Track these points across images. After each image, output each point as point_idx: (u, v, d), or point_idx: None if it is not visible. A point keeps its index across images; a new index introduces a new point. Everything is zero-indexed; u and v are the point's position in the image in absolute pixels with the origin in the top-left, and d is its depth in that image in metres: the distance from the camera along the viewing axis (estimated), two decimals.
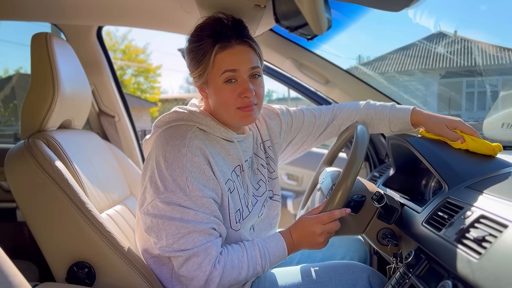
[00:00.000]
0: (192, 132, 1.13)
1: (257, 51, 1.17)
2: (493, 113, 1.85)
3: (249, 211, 1.22)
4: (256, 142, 1.36)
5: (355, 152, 1.15)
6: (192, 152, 1.08)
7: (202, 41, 1.12)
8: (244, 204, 1.21)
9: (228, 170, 1.18)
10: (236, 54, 1.12)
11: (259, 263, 1.11)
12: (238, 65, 1.11)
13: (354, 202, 1.24)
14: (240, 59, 1.12)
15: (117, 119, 2.26)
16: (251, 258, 1.10)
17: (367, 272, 1.21)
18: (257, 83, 1.16)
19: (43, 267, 1.44)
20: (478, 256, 0.75)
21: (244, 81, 1.12)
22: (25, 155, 1.19)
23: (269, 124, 1.43)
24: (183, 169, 1.05)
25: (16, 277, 0.76)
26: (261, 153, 1.36)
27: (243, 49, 1.13)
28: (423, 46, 6.54)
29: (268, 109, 1.47)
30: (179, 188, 1.04)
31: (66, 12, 1.60)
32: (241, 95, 1.12)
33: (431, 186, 1.32)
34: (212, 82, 1.14)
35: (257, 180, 1.32)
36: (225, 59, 1.11)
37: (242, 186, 1.22)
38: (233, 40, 1.12)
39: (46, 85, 1.26)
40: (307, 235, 1.14)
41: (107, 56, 2.20)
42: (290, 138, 1.49)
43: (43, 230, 1.17)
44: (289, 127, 1.47)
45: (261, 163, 1.35)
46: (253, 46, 1.16)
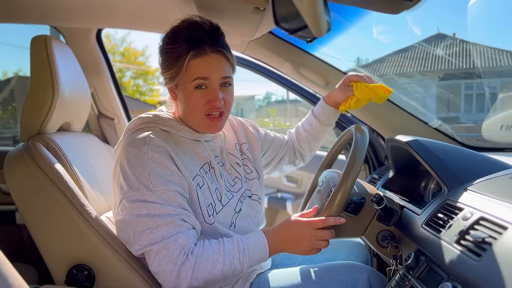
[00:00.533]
0: (154, 132, 1.16)
1: (230, 60, 1.19)
2: (492, 115, 1.85)
3: (222, 205, 1.22)
4: (229, 143, 1.40)
5: (354, 154, 1.16)
6: (152, 149, 1.10)
7: (176, 44, 1.14)
8: (216, 198, 1.21)
9: (195, 167, 1.19)
10: (209, 63, 1.13)
11: (237, 257, 1.08)
12: (210, 73, 1.14)
13: (354, 204, 1.24)
14: (213, 68, 1.14)
15: (116, 121, 2.26)
16: (227, 252, 1.09)
17: (367, 272, 1.21)
18: (227, 91, 1.19)
19: (43, 270, 1.44)
20: (478, 258, 0.75)
21: (214, 89, 1.15)
22: (24, 157, 1.19)
23: (248, 129, 1.50)
24: (145, 166, 1.07)
25: (16, 280, 0.76)
26: (236, 152, 1.40)
27: (217, 58, 1.15)
28: (421, 48, 6.55)
29: (248, 121, 1.56)
30: (143, 185, 1.06)
31: (66, 14, 1.60)
32: (210, 102, 1.15)
33: (430, 188, 1.32)
34: (183, 87, 1.16)
35: (233, 177, 1.34)
36: (198, 66, 1.13)
37: (213, 181, 1.23)
38: (208, 47, 1.13)
39: (45, 87, 1.26)
40: (295, 238, 1.13)
41: (107, 58, 2.21)
42: (266, 147, 1.57)
43: (42, 232, 1.17)
44: (264, 138, 1.57)
45: (236, 161, 1.38)
46: (227, 55, 1.17)
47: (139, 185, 1.06)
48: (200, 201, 1.15)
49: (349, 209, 1.23)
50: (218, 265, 1.06)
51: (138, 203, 1.05)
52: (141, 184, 1.06)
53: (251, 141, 1.49)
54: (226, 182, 1.29)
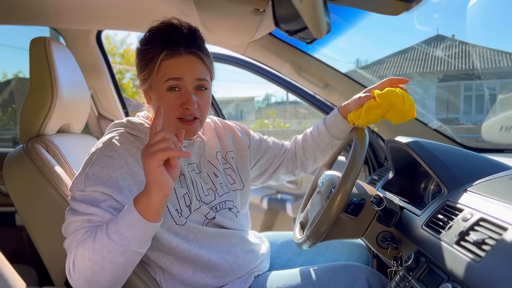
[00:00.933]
0: (118, 136, 1.14)
1: (207, 63, 1.15)
2: (492, 116, 1.85)
3: (190, 211, 1.18)
4: (210, 150, 1.33)
5: (354, 156, 1.16)
6: (104, 151, 1.08)
7: (151, 45, 1.12)
8: (184, 203, 1.17)
9: None
10: (182, 63, 1.10)
11: (103, 229, 0.93)
12: (183, 74, 1.10)
13: (354, 205, 1.24)
14: (186, 68, 1.10)
15: None
16: (99, 231, 0.94)
17: (366, 273, 1.21)
18: (202, 95, 1.15)
19: (42, 272, 1.44)
20: (478, 259, 0.75)
21: (187, 91, 1.11)
22: (24, 159, 1.19)
23: (237, 135, 1.43)
24: (88, 165, 1.05)
25: (16, 282, 0.76)
26: (216, 162, 1.32)
27: (191, 59, 1.11)
28: (421, 49, 6.56)
29: (241, 125, 1.50)
30: (78, 183, 1.03)
31: (65, 16, 1.60)
32: (183, 105, 1.11)
33: (430, 189, 1.32)
34: (156, 88, 1.13)
35: (207, 187, 1.26)
36: (170, 66, 1.10)
37: (182, 187, 1.18)
38: (183, 48, 1.10)
39: (44, 89, 1.26)
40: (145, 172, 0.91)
41: (107, 60, 2.21)
42: (259, 155, 1.49)
43: (41, 234, 1.17)
44: (258, 144, 1.49)
45: (214, 171, 1.30)
46: (203, 57, 1.13)
47: (75, 183, 1.04)
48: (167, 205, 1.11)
49: (349, 210, 1.23)
50: (90, 245, 0.93)
51: (70, 201, 1.05)
52: (77, 181, 1.04)
53: (238, 149, 1.42)
54: (198, 190, 1.23)
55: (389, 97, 1.16)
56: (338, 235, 1.27)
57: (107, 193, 1.02)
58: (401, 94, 1.15)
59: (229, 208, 1.31)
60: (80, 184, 1.02)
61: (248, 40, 1.74)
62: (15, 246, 2.15)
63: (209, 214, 1.22)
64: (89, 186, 1.02)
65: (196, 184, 1.23)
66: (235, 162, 1.39)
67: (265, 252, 1.42)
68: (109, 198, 1.03)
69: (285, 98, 16.13)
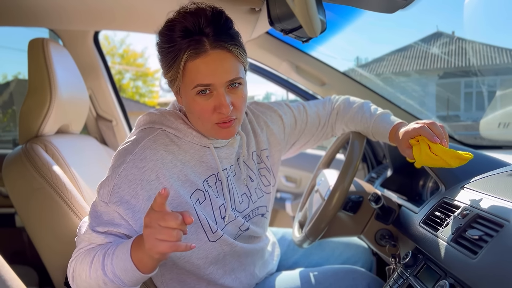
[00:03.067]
0: (154, 139, 1.02)
1: (238, 56, 0.98)
2: (490, 113, 1.85)
3: (224, 224, 1.08)
4: (248, 150, 1.19)
5: (351, 154, 1.16)
6: (135, 163, 0.97)
7: (171, 41, 0.96)
8: (219, 215, 1.06)
9: (198, 179, 1.04)
10: (210, 64, 0.94)
11: (100, 261, 0.90)
12: (212, 78, 0.94)
13: (352, 202, 1.24)
14: (215, 70, 0.94)
15: (114, 123, 2.26)
16: (96, 260, 0.91)
17: (367, 279, 1.20)
18: (236, 93, 0.99)
19: (43, 273, 1.44)
20: (475, 255, 0.75)
21: (220, 94, 0.96)
22: (22, 160, 1.19)
23: (271, 129, 1.26)
24: (117, 173, 0.96)
25: (15, 282, 0.76)
26: (252, 163, 1.19)
27: (220, 57, 0.95)
28: (420, 47, 6.56)
29: (269, 111, 1.30)
30: (105, 192, 0.96)
31: (63, 17, 1.60)
32: (216, 110, 0.97)
33: (428, 186, 1.32)
34: (185, 92, 0.99)
35: (241, 193, 1.15)
36: (197, 70, 0.94)
37: (219, 196, 1.07)
38: (208, 43, 0.93)
39: (43, 90, 1.26)
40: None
41: (104, 60, 2.21)
42: (293, 140, 1.35)
43: (41, 235, 1.18)
44: (292, 129, 1.33)
45: (250, 175, 1.18)
46: (233, 51, 0.96)
47: (101, 190, 0.97)
48: (200, 218, 1.02)
49: (348, 208, 1.24)
50: (86, 269, 0.91)
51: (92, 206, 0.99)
52: (104, 189, 0.96)
53: (272, 142, 1.27)
54: (234, 198, 1.12)
55: (427, 163, 1.01)
56: (336, 232, 1.27)
57: (125, 218, 0.95)
58: (440, 158, 0.97)
59: (262, 214, 1.21)
60: (106, 195, 0.95)
61: (245, 39, 1.74)
62: (16, 247, 2.15)
63: (243, 225, 1.12)
64: (112, 204, 0.94)
65: (233, 190, 1.11)
66: (269, 160, 1.26)
67: (276, 259, 1.38)
68: (126, 224, 0.96)
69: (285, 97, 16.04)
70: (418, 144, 1.03)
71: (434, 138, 1.00)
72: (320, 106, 1.38)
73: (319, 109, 1.36)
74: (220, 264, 1.11)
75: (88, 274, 0.90)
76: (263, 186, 1.22)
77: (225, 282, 1.13)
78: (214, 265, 1.09)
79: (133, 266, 0.85)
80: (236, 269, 1.15)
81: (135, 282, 0.89)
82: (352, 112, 1.30)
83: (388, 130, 1.17)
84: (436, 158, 0.97)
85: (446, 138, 1.01)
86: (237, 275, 1.16)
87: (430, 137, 1.00)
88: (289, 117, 1.31)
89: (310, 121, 1.34)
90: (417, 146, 1.03)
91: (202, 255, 1.06)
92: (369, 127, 1.24)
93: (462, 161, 0.95)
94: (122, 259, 0.86)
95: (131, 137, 1.05)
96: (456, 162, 0.95)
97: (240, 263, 1.16)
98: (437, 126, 1.03)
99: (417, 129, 1.03)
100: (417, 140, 1.04)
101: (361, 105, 1.30)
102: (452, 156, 0.96)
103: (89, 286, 0.91)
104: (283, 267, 1.44)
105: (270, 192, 1.24)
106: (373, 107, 1.29)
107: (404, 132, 1.08)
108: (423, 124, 1.04)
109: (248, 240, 1.19)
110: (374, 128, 1.22)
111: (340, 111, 1.35)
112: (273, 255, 1.37)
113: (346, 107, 1.34)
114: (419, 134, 1.03)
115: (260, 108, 1.29)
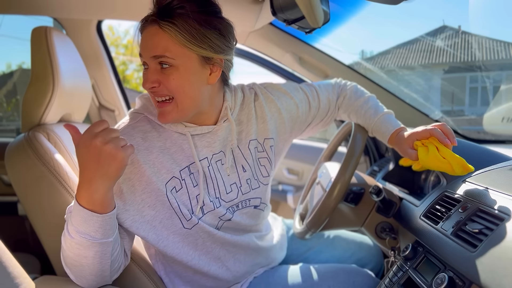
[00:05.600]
0: (134, 123, 1.05)
1: (171, 34, 0.93)
2: (494, 107, 1.84)
3: (203, 213, 1.06)
4: (244, 138, 1.15)
5: (353, 146, 1.16)
6: None
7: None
8: (195, 204, 1.05)
9: (175, 166, 1.03)
10: (145, 37, 0.97)
11: (65, 228, 0.90)
12: (142, 50, 0.98)
13: (353, 194, 1.24)
14: (144, 44, 0.97)
15: (117, 113, 2.26)
16: (64, 229, 0.90)
17: (369, 283, 1.19)
18: (166, 73, 0.95)
19: (45, 261, 1.45)
20: (474, 249, 0.75)
21: (149, 69, 0.97)
22: (25, 148, 1.19)
23: (282, 117, 1.21)
24: None
25: (16, 269, 0.77)
26: (247, 152, 1.15)
27: (151, 31, 0.95)
28: (426, 41, 6.51)
29: (285, 96, 1.23)
30: None
31: (64, 5, 1.59)
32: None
33: (430, 180, 1.32)
34: None
35: (231, 182, 1.12)
36: (140, 41, 0.99)
37: (196, 185, 1.06)
38: (147, 19, 0.97)
39: (45, 78, 1.26)
40: (88, 159, 0.82)
41: (107, 50, 2.20)
42: (304, 126, 1.31)
43: (43, 223, 1.18)
44: (306, 116, 1.29)
45: (243, 164, 1.14)
46: (164, 27, 0.93)
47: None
48: (173, 206, 1.02)
49: (349, 199, 1.24)
50: (63, 244, 0.91)
51: None
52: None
53: (280, 132, 1.22)
54: (219, 186, 1.09)
55: (432, 165, 1.00)
56: (337, 224, 1.28)
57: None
58: (447, 162, 0.97)
59: (255, 206, 1.19)
60: None
61: (248, 29, 1.73)
62: (18, 236, 2.17)
63: (225, 215, 1.10)
64: None
65: (217, 179, 1.09)
66: (273, 151, 1.20)
67: (281, 253, 1.36)
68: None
69: None
70: (424, 146, 1.04)
71: (446, 140, 1.00)
72: (330, 90, 1.35)
73: (330, 94, 1.34)
74: (202, 251, 1.10)
75: (64, 246, 0.89)
76: (261, 177, 1.18)
77: (211, 269, 1.12)
78: (194, 250, 1.09)
79: (88, 212, 0.83)
80: (223, 257, 1.15)
81: (104, 231, 0.86)
82: (357, 105, 1.29)
83: (391, 132, 1.17)
84: (444, 161, 0.98)
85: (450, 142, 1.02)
86: (224, 263, 1.15)
87: (442, 139, 1.01)
88: (305, 104, 1.27)
89: (322, 106, 1.31)
90: (423, 148, 1.04)
91: (178, 239, 1.06)
92: (371, 124, 1.23)
93: (465, 171, 0.97)
94: (76, 212, 0.84)
95: (119, 122, 1.08)
96: (460, 170, 0.96)
97: (226, 251, 1.15)
98: (448, 128, 1.04)
99: (428, 130, 1.04)
100: (423, 143, 1.04)
101: (366, 100, 1.29)
102: (458, 163, 0.96)
103: (71, 259, 0.89)
104: (292, 262, 1.42)
105: (268, 183, 1.21)
106: (378, 104, 1.29)
107: (412, 133, 1.08)
108: (434, 126, 1.04)
109: (235, 230, 1.17)
110: (375, 126, 1.22)
111: (346, 99, 1.33)
112: (277, 247, 1.35)
113: (352, 96, 1.32)
114: (430, 135, 1.03)
115: (276, 92, 1.24)
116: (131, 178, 0.99)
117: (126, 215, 0.98)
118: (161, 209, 1.02)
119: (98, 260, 0.88)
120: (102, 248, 0.87)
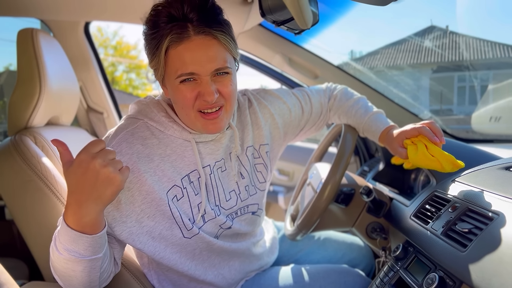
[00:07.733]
0: (132, 129, 0.99)
1: (224, 43, 0.91)
2: (482, 107, 1.86)
3: (204, 221, 1.04)
4: (242, 145, 1.13)
5: (343, 147, 1.16)
6: None
7: (155, 27, 0.90)
8: (197, 213, 1.02)
9: (176, 175, 1.00)
10: (194, 50, 0.88)
11: (53, 243, 0.85)
12: (196, 66, 0.89)
13: (344, 195, 1.25)
14: (199, 58, 0.88)
15: (105, 115, 2.24)
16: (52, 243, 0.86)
17: (360, 283, 1.19)
18: (223, 81, 0.93)
19: (33, 265, 1.44)
20: (464, 248, 0.76)
21: (204, 82, 0.91)
22: (11, 152, 1.17)
23: (276, 123, 1.20)
24: None
25: (2, 275, 0.75)
26: (245, 159, 1.13)
27: (204, 43, 0.88)
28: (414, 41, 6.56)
29: (278, 101, 1.22)
30: None
31: (51, 7, 1.57)
32: (200, 97, 0.92)
33: (420, 179, 1.33)
34: (168, 82, 0.95)
35: (230, 189, 1.10)
36: (180, 57, 0.89)
37: (198, 193, 1.03)
38: (192, 29, 0.88)
39: (32, 81, 1.25)
40: (82, 181, 0.77)
41: (95, 52, 2.18)
42: (297, 131, 1.30)
43: (30, 227, 1.16)
44: (299, 121, 1.28)
45: (241, 171, 1.12)
46: (219, 37, 0.90)
47: None
48: (175, 215, 0.98)
49: (340, 200, 1.24)
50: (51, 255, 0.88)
51: None
52: None
53: (275, 137, 1.21)
54: (219, 194, 1.07)
55: (422, 163, 1.01)
56: (329, 225, 1.28)
57: None
58: (436, 160, 0.98)
59: (253, 212, 1.17)
60: None
61: (238, 31, 1.73)
62: (5, 240, 2.14)
63: (225, 223, 1.08)
64: None
65: (217, 186, 1.07)
66: (268, 156, 1.20)
67: (272, 256, 1.35)
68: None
69: None
70: (413, 144, 1.05)
71: (434, 138, 1.01)
72: (322, 94, 1.35)
73: (321, 98, 1.34)
74: (198, 260, 1.09)
75: (52, 257, 0.86)
76: (258, 183, 1.17)
77: (207, 278, 1.11)
78: (191, 261, 1.07)
79: (76, 233, 0.79)
80: (218, 265, 1.13)
81: (93, 249, 0.83)
82: (347, 106, 1.29)
83: (381, 130, 1.18)
84: (433, 159, 0.99)
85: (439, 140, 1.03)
86: (219, 271, 1.14)
87: (431, 137, 1.02)
88: (297, 108, 1.27)
89: (314, 111, 1.31)
90: (412, 146, 1.05)
91: (176, 250, 1.03)
92: (361, 123, 1.23)
93: (455, 168, 0.97)
94: (64, 232, 0.80)
95: (115, 127, 1.03)
96: (450, 167, 0.97)
97: (221, 259, 1.14)
98: (436, 126, 1.05)
99: (417, 128, 1.05)
100: (412, 141, 1.05)
101: (357, 100, 1.29)
102: (448, 160, 0.97)
103: (59, 271, 0.87)
104: (284, 263, 1.42)
105: (265, 189, 1.20)
106: (368, 104, 1.29)
107: (401, 132, 1.09)
108: (422, 125, 1.05)
109: (232, 237, 1.16)
110: (366, 125, 1.22)
111: (336, 101, 1.34)
112: (268, 251, 1.34)
113: (342, 98, 1.33)
114: (419, 133, 1.04)
115: (269, 97, 1.23)
116: (131, 188, 0.95)
117: (123, 227, 0.95)
118: (160, 219, 0.99)
119: (87, 274, 0.86)
120: (92, 264, 0.85)
